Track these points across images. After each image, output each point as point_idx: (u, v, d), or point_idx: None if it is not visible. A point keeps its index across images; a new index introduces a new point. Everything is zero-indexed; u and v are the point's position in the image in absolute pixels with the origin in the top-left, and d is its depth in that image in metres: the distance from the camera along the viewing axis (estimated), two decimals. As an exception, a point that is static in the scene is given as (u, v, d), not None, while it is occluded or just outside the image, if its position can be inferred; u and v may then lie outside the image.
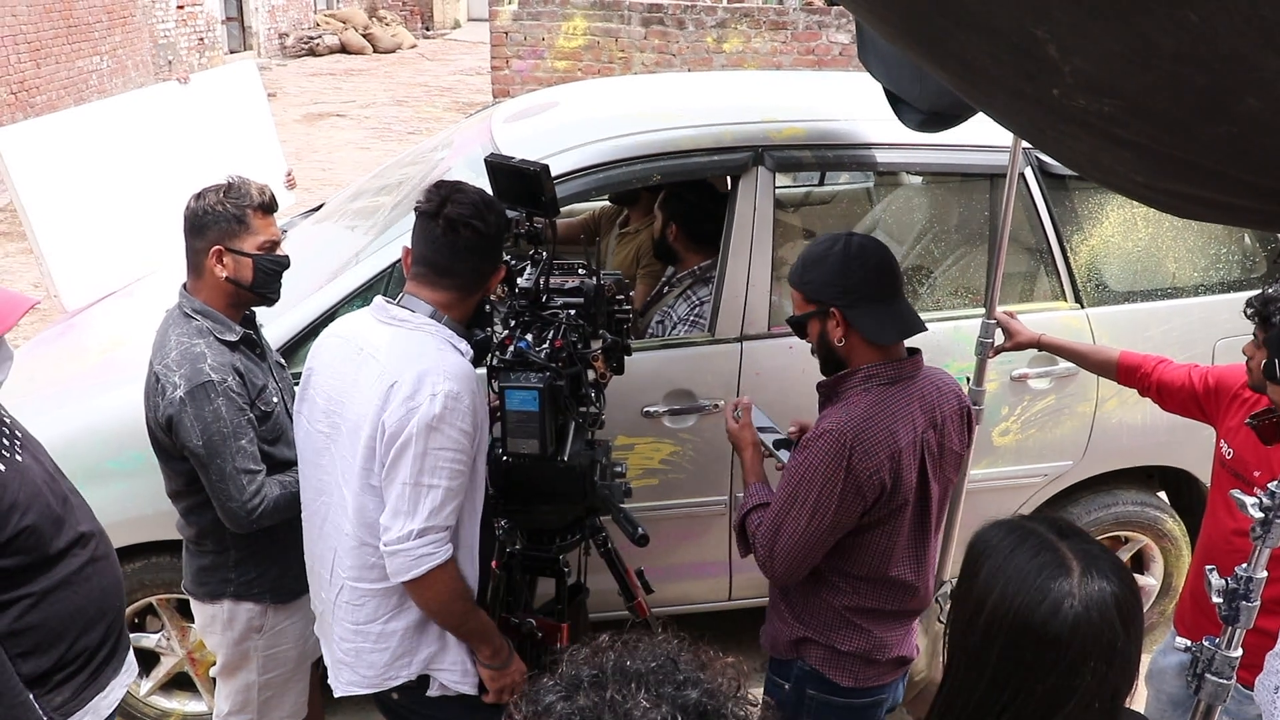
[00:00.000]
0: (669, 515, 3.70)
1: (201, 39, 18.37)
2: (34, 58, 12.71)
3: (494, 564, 2.97)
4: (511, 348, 2.54)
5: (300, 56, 21.43)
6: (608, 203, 5.00)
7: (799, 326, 2.58)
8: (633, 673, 1.08)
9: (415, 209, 2.44)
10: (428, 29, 25.99)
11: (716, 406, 3.57)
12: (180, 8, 17.64)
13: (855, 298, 2.43)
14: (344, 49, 22.19)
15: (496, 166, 2.68)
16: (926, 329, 2.56)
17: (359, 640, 2.49)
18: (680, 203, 4.03)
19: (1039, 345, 3.32)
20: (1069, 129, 1.47)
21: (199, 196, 2.73)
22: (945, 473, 2.57)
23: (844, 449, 2.34)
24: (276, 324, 3.36)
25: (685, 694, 1.07)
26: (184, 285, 2.82)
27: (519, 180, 2.62)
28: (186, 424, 2.61)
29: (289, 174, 5.41)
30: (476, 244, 2.41)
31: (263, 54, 20.62)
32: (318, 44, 21.75)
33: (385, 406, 2.30)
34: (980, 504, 3.80)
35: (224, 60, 18.34)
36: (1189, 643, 2.19)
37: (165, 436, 2.69)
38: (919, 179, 4.39)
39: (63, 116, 4.54)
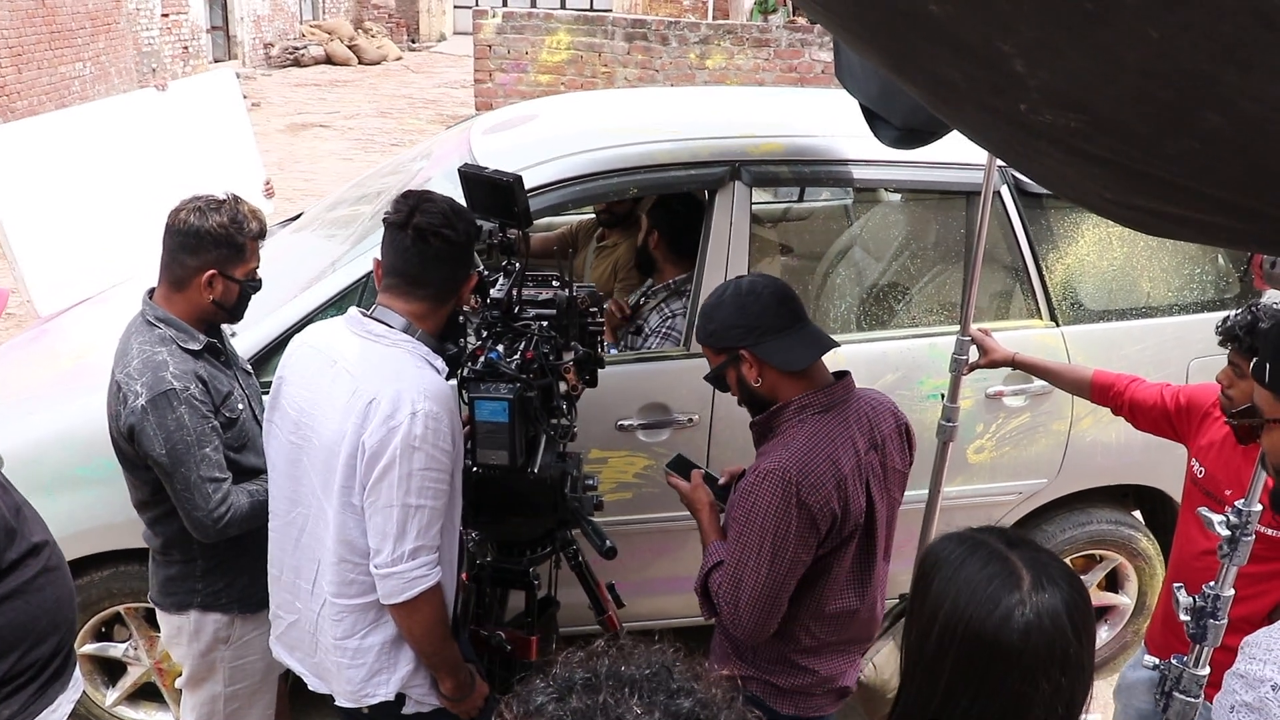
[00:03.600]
0: (643, 530, 3.68)
1: (186, 47, 18.33)
2: (15, 63, 12.67)
3: (463, 576, 2.95)
4: (482, 358, 2.52)
5: (285, 67, 21.39)
6: (586, 215, 4.99)
7: (718, 381, 2.55)
8: (627, 678, 1.07)
9: (384, 220, 2.43)
10: (413, 41, 25.99)
11: (691, 421, 3.56)
12: (165, 16, 17.60)
13: (759, 334, 2.41)
14: (329, 60, 22.14)
15: (470, 177, 2.67)
16: (838, 345, 2.54)
17: (337, 655, 2.47)
18: (666, 212, 4.03)
19: (1013, 363, 3.33)
20: (1037, 144, 1.47)
21: (200, 213, 2.68)
22: (890, 493, 2.54)
23: (790, 485, 2.29)
24: (251, 332, 3.34)
25: (678, 703, 1.05)
26: (149, 292, 2.78)
27: (492, 191, 2.61)
28: (149, 433, 2.57)
29: (267, 183, 5.39)
30: (447, 252, 2.40)
31: (247, 64, 20.59)
32: (303, 55, 21.70)
33: (364, 425, 2.27)
34: (954, 522, 3.79)
35: (208, 69, 18.29)
36: (1158, 661, 2.20)
37: (128, 446, 2.65)
38: (897, 196, 4.40)
39: (37, 121, 4.51)
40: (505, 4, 22.15)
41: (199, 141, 4.94)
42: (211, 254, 2.68)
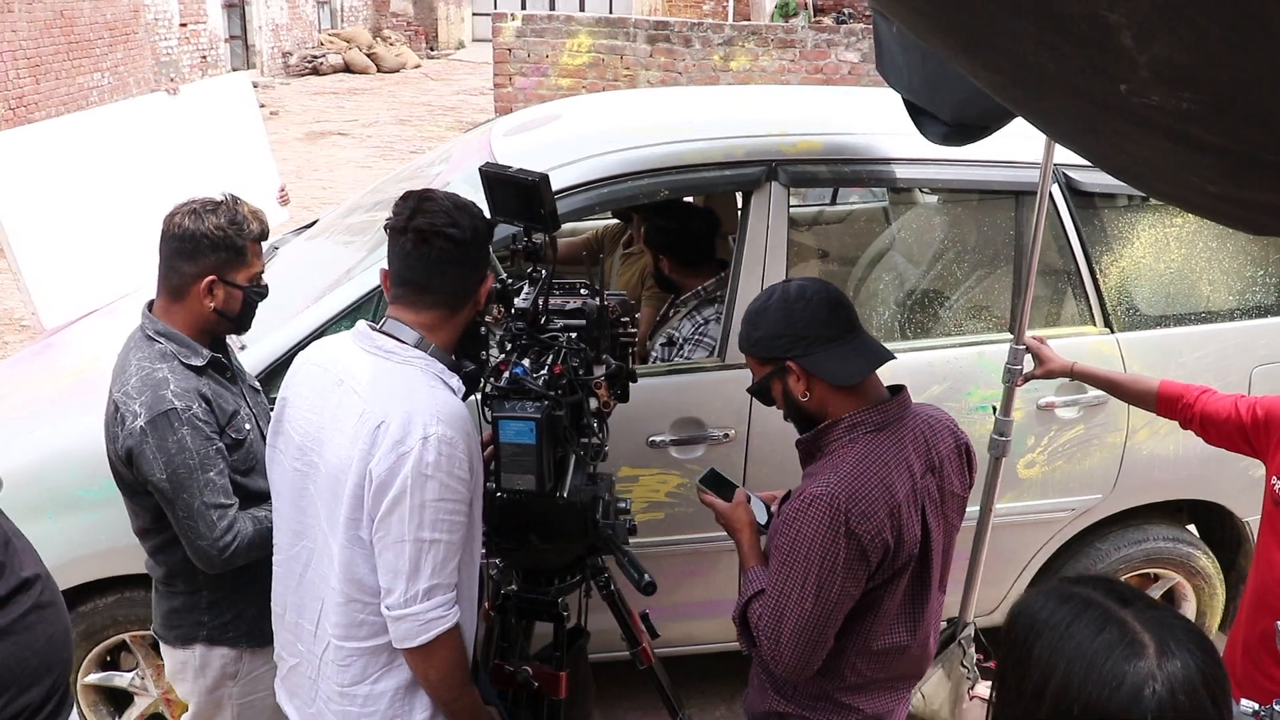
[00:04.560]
0: (676, 551, 3.49)
1: (204, 57, 18.32)
2: (33, 73, 12.63)
3: (486, 605, 2.77)
4: (507, 373, 2.32)
5: (304, 75, 21.35)
6: (611, 221, 4.82)
7: (762, 394, 2.34)
8: None
9: (385, 226, 2.23)
10: (432, 49, 25.92)
11: (727, 436, 3.37)
12: (183, 25, 17.60)
13: (808, 343, 2.19)
14: (348, 68, 22.11)
15: (492, 177, 2.47)
16: (894, 358, 2.30)
17: (345, 704, 2.27)
18: (663, 235, 3.87)
19: (1071, 374, 3.11)
20: (1131, 131, 1.30)
21: (195, 216, 2.51)
22: (948, 519, 2.33)
23: (838, 513, 2.08)
24: (260, 345, 3.18)
25: None
26: (148, 305, 2.61)
27: (516, 192, 2.41)
28: (148, 456, 2.39)
29: (282, 189, 5.23)
30: (453, 253, 2.18)
31: (266, 72, 20.57)
32: (321, 63, 21.66)
33: (372, 451, 2.08)
34: (1004, 540, 3.60)
35: (226, 78, 18.24)
36: (1257, 706, 1.98)
37: (126, 470, 2.47)
38: (938, 197, 4.20)
39: (43, 127, 4.37)
40: (524, 8, 22.10)
41: (211, 147, 4.80)
42: (210, 259, 2.50)
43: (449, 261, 2.19)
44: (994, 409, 3.30)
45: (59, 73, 13.24)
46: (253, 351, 3.14)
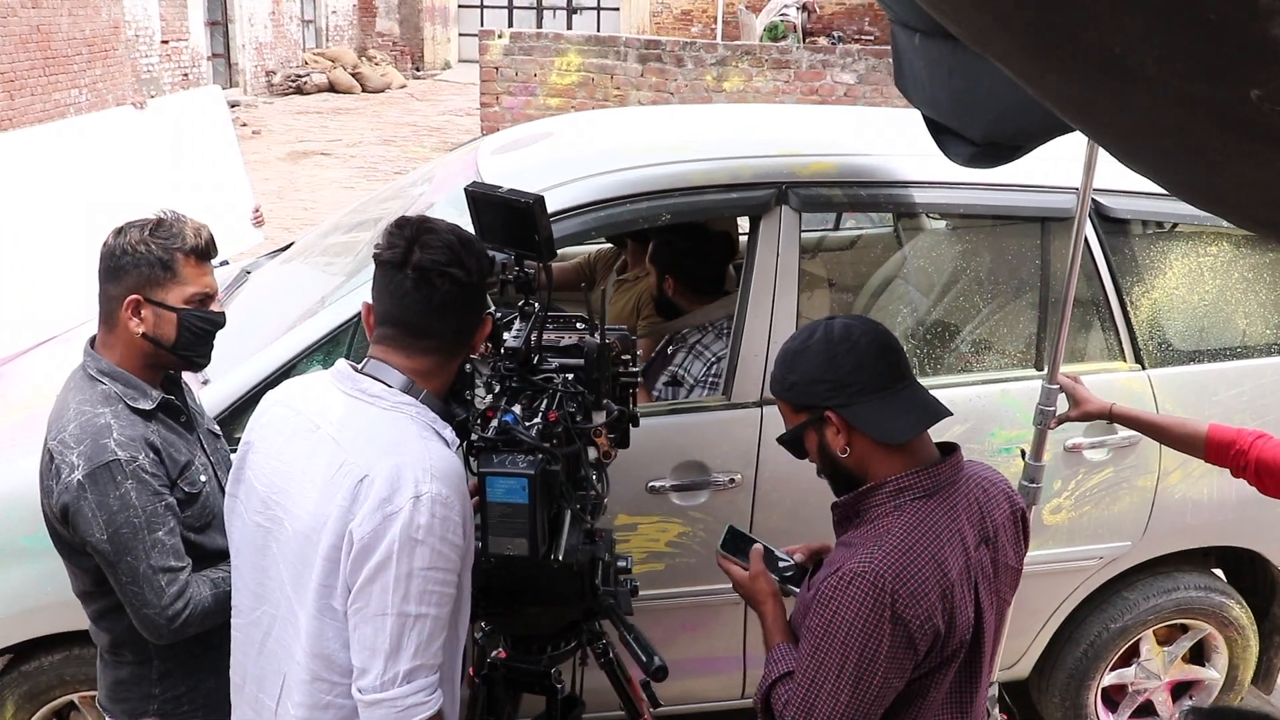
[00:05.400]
0: (676, 605, 3.23)
1: (186, 74, 18.11)
2: (8, 89, 12.39)
3: (470, 672, 2.49)
4: (495, 421, 2.05)
5: (287, 94, 21.16)
6: (605, 245, 4.57)
7: (794, 444, 2.07)
8: None
9: (375, 257, 1.96)
10: (418, 69, 25.77)
11: (732, 481, 3.11)
12: (165, 42, 17.41)
13: (852, 392, 1.92)
14: (332, 88, 21.93)
15: (480, 198, 2.20)
16: (951, 414, 2.04)
17: None
18: (672, 252, 3.59)
19: (1110, 416, 2.86)
20: (1252, 149, 1.07)
21: (119, 233, 2.24)
22: (1001, 594, 2.07)
23: (883, 594, 1.82)
24: (224, 382, 2.92)
25: None
26: (91, 340, 2.33)
27: (508, 215, 2.15)
28: (87, 514, 2.11)
29: (256, 210, 4.97)
30: (456, 296, 1.92)
31: (249, 91, 20.39)
32: (305, 82, 21.48)
33: (353, 509, 1.82)
34: (1028, 590, 3.28)
35: (208, 97, 18.05)
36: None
37: (63, 528, 2.19)
38: (952, 221, 3.96)
39: (-4, 142, 4.11)
40: (510, 25, 21.97)
41: (182, 164, 4.54)
42: (132, 276, 2.21)
43: (451, 305, 1.93)
44: (1021, 452, 3.05)
45: (35, 89, 12.99)
46: (213, 389, 2.87)
